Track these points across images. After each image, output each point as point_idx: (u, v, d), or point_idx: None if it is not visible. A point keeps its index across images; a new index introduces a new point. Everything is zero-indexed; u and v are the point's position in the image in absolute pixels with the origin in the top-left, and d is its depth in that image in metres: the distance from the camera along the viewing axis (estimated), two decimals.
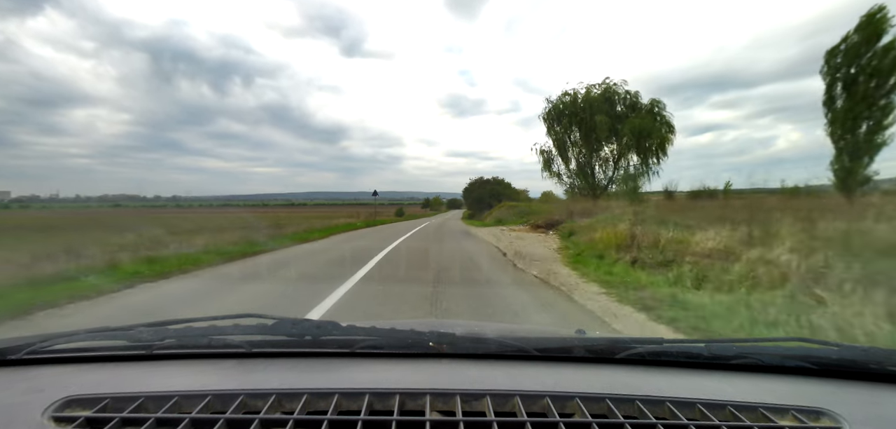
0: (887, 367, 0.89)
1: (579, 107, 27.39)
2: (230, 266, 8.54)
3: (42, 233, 14.29)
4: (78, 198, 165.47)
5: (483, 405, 0.74)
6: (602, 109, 26.77)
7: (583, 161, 28.53)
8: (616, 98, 27.65)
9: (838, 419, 0.72)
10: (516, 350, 0.95)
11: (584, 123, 27.09)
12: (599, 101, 27.07)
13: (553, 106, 28.92)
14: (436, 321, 1.50)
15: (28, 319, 4.47)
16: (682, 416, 0.72)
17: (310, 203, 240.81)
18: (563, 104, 28.42)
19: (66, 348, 0.93)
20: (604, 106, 26.94)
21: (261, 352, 0.93)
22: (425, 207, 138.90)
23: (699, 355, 0.93)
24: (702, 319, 4.35)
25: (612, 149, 28.39)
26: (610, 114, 26.83)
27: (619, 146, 27.31)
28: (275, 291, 6.14)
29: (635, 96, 27.69)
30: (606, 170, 28.84)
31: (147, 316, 3.45)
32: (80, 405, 0.72)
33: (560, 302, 5.50)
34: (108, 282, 6.17)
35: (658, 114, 27.10)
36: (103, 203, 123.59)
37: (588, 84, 28.18)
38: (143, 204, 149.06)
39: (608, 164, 28.69)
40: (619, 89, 27.70)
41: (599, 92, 27.58)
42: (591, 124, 26.69)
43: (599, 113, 26.48)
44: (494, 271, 8.09)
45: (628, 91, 27.78)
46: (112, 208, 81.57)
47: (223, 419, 0.66)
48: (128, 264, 7.58)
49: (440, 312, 4.77)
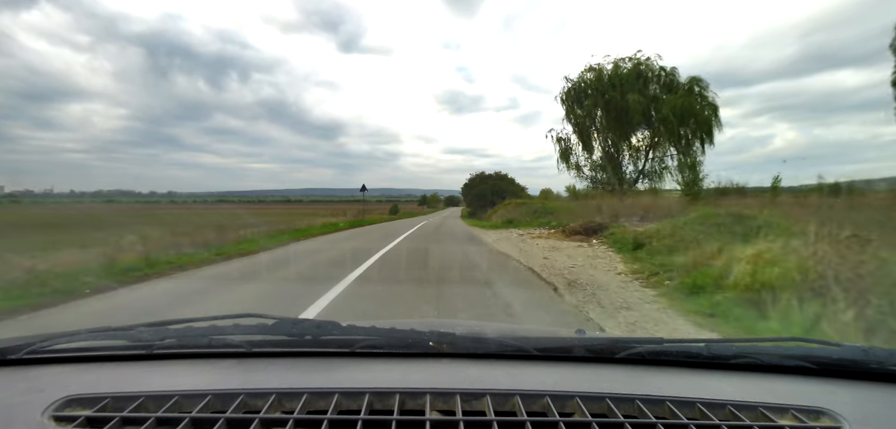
0: (887, 367, 0.88)
1: (606, 85, 22.68)
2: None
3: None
4: (72, 193, 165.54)
5: (483, 405, 0.74)
6: (634, 87, 22.10)
7: (610, 150, 23.88)
8: (650, 75, 22.95)
9: (838, 419, 0.71)
10: (516, 350, 0.95)
11: (612, 104, 22.33)
12: (631, 79, 22.37)
13: (574, 85, 24.19)
14: (436, 321, 1.44)
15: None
16: (682, 415, 0.71)
17: (305, 200, 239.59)
18: (585, 82, 23.72)
19: (66, 347, 0.93)
20: (636, 84, 22.27)
21: (261, 352, 0.93)
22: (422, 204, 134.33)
23: (699, 355, 0.93)
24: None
25: (643, 136, 23.76)
26: (643, 93, 22.18)
27: (653, 132, 22.66)
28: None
29: (672, 74, 22.95)
30: (637, 161, 24.22)
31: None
32: (81, 405, 0.72)
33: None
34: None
35: (700, 94, 22.45)
36: (97, 199, 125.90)
37: (616, 58, 23.50)
38: (137, 200, 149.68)
39: (639, 154, 24.06)
40: (652, 64, 22.99)
41: (630, 67, 22.89)
42: (621, 105, 21.97)
43: (632, 91, 21.81)
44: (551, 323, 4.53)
45: (663, 67, 23.05)
46: (105, 204, 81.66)
47: (223, 419, 0.67)
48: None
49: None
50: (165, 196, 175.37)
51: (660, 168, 23.42)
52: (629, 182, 24.03)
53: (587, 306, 5.11)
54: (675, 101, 21.46)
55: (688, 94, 22.17)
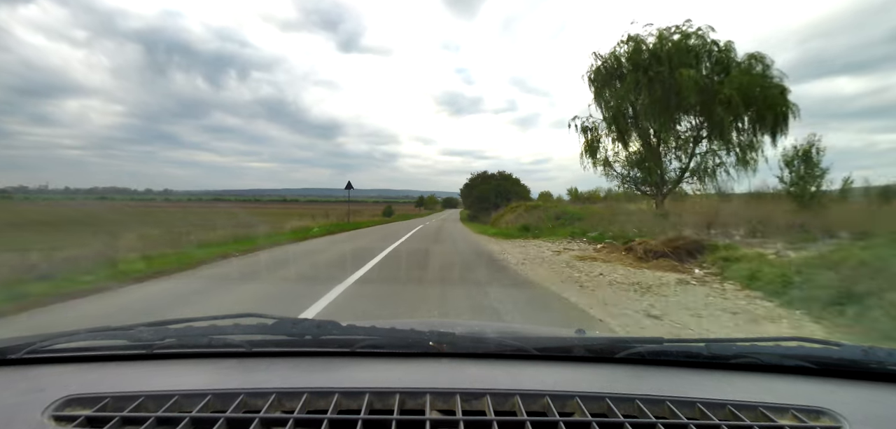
0: (887, 366, 0.88)
1: (649, 59, 18.01)
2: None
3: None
4: (67, 190, 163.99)
5: (483, 404, 0.73)
6: (686, 61, 17.45)
7: (650, 141, 19.20)
8: (701, 50, 18.29)
9: (838, 419, 0.71)
10: (516, 350, 0.94)
11: (657, 83, 17.67)
12: (681, 51, 17.69)
13: (605, 62, 19.53)
14: (436, 321, 1.49)
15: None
16: (682, 415, 0.71)
17: (302, 199, 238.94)
18: (622, 57, 19.05)
19: (66, 347, 0.92)
20: (688, 57, 17.63)
21: (261, 351, 0.92)
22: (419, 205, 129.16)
23: (699, 355, 0.92)
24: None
25: (691, 124, 19.13)
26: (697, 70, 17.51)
27: (710, 118, 17.98)
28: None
29: (727, 49, 18.35)
30: (682, 155, 19.56)
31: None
32: (81, 405, 0.72)
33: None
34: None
35: (764, 74, 17.83)
36: (90, 196, 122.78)
37: (659, 28, 18.83)
38: (132, 197, 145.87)
39: (686, 147, 19.41)
40: (704, 36, 18.33)
41: (677, 39, 18.21)
42: (669, 84, 17.32)
43: (685, 66, 17.16)
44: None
45: (716, 41, 18.44)
46: (98, 201, 79.07)
47: (223, 419, 0.66)
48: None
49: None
50: (161, 194, 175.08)
51: (712, 164, 18.74)
52: (671, 181, 19.41)
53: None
54: (743, 80, 16.84)
55: (746, 73, 17.53)
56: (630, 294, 5.95)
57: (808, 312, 4.85)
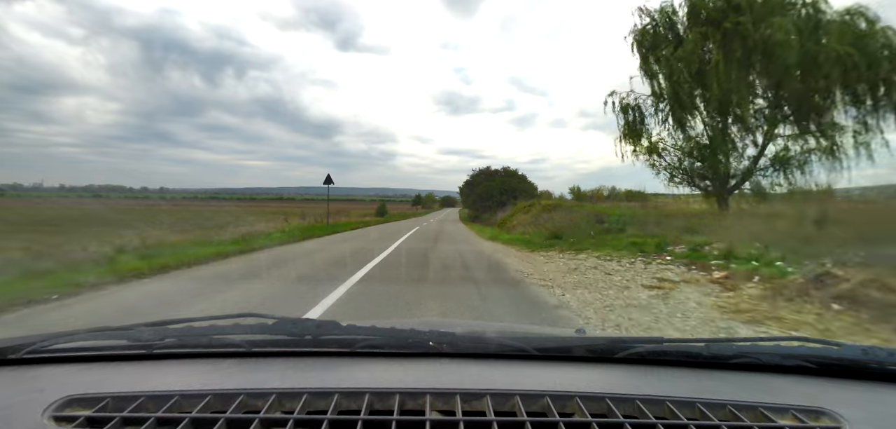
0: (887, 366, 0.87)
1: (725, 7, 13.26)
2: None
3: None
4: (62, 187, 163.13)
5: (483, 405, 0.73)
6: (778, 9, 12.71)
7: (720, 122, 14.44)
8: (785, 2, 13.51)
9: (838, 419, 0.71)
10: (516, 350, 0.94)
11: (736, 40, 12.95)
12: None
13: (656, 19, 14.78)
14: (436, 321, 1.49)
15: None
16: (682, 415, 0.71)
17: (298, 198, 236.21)
18: (679, 9, 14.31)
19: (66, 347, 0.92)
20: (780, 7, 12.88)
21: (261, 351, 0.92)
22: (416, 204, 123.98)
23: (699, 355, 0.92)
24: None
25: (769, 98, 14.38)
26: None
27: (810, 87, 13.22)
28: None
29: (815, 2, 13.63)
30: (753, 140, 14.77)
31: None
32: (81, 405, 0.72)
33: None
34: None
35: (872, 33, 13.08)
36: (85, 194, 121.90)
37: None
38: (126, 195, 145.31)
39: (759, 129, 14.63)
40: None
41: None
42: (755, 42, 12.58)
43: (778, 14, 12.43)
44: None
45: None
46: (92, 199, 79.16)
47: (223, 419, 0.66)
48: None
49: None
50: (157, 192, 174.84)
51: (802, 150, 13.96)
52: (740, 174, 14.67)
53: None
54: (856, 33, 12.13)
55: (845, 29, 12.76)
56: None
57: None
